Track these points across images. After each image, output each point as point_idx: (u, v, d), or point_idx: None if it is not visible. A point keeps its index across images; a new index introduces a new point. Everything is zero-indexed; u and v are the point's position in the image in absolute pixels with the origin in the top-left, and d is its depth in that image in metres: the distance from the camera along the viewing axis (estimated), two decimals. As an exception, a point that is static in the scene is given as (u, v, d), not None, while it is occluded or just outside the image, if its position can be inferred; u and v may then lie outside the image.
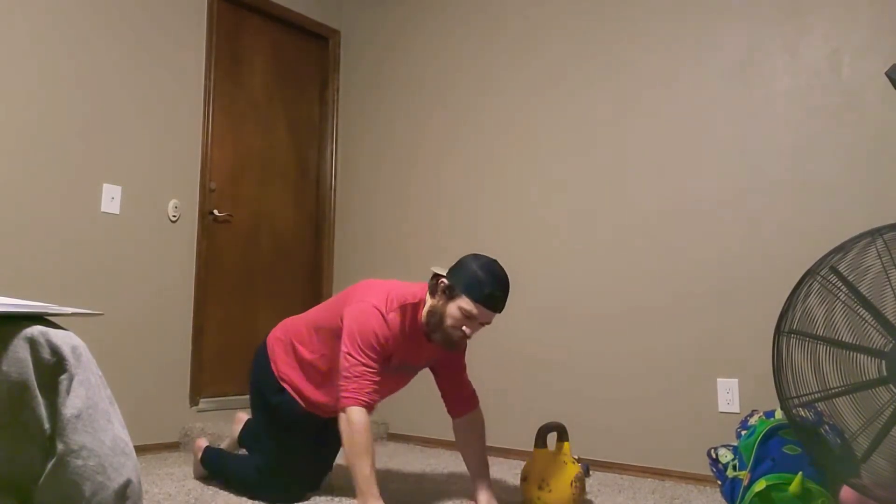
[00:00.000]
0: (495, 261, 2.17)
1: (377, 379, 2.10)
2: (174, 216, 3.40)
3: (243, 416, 2.68)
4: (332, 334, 2.27)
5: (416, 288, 2.25)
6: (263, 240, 3.87)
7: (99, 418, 1.16)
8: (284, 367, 2.40)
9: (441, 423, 3.54)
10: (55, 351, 1.15)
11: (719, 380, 2.79)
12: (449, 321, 2.13)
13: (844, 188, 2.60)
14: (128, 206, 3.23)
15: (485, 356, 3.46)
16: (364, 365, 2.09)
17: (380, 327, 2.12)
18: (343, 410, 2.06)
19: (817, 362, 2.14)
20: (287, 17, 4.01)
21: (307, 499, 2.40)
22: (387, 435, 3.77)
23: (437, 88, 3.82)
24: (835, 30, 2.66)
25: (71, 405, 1.13)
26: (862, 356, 2.10)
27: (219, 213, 3.61)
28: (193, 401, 3.41)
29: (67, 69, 3.06)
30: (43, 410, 1.12)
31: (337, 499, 2.40)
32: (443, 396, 2.40)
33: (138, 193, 3.28)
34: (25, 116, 2.92)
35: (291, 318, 2.51)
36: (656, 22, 3.09)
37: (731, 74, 2.88)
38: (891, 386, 2.03)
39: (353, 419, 2.04)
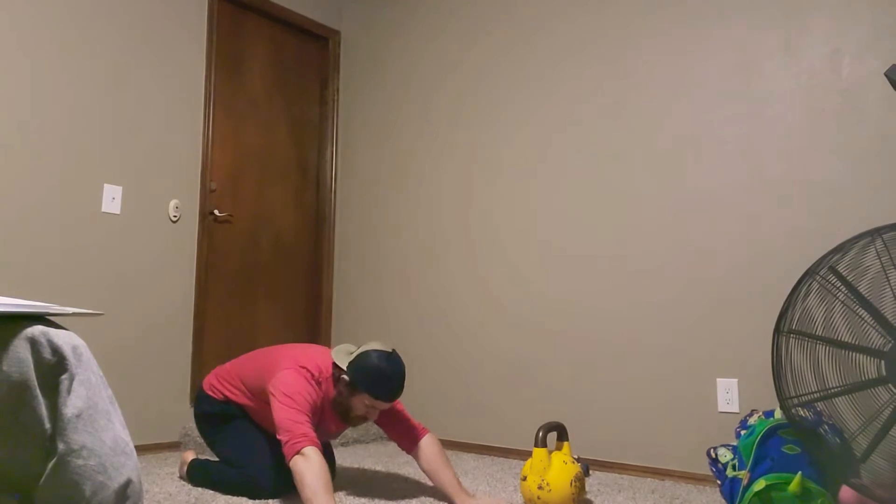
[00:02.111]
0: (391, 353, 2.31)
1: (312, 429, 2.19)
2: (175, 216, 3.40)
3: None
4: (259, 392, 2.45)
5: (322, 361, 2.39)
6: (263, 240, 3.87)
7: (99, 418, 1.16)
8: (225, 396, 2.58)
9: (441, 423, 3.55)
10: (56, 351, 1.15)
11: (719, 380, 2.79)
12: (354, 412, 2.34)
13: (844, 188, 2.60)
14: (129, 206, 3.24)
15: (485, 356, 3.47)
16: (304, 415, 2.19)
17: (308, 388, 2.28)
18: (298, 453, 2.07)
19: (816, 362, 2.15)
20: (287, 17, 4.02)
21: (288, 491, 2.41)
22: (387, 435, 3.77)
23: (437, 88, 3.82)
24: (835, 30, 2.67)
25: (72, 405, 1.14)
26: (861, 356, 2.11)
27: (219, 213, 3.61)
28: (193, 401, 3.41)
29: (67, 70, 3.06)
30: (44, 410, 1.13)
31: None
32: (393, 438, 2.49)
33: (139, 193, 3.28)
34: (26, 117, 2.93)
35: (221, 367, 2.68)
36: (655, 21, 3.09)
37: (731, 74, 2.88)
38: (890, 386, 2.03)
39: (312, 456, 2.06)
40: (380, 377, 2.26)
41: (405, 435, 2.44)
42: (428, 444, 2.41)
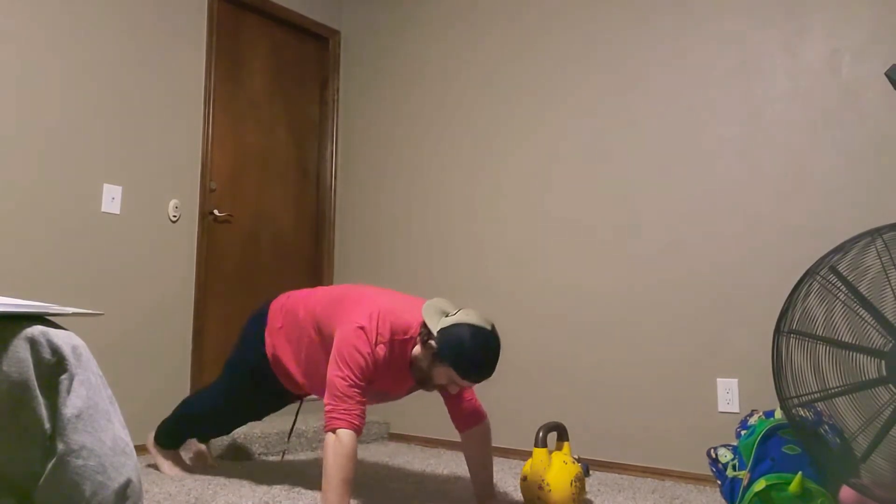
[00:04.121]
0: (489, 332, 2.09)
1: (364, 401, 2.10)
2: (174, 216, 3.40)
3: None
4: (326, 333, 2.32)
5: (409, 316, 2.20)
6: (263, 240, 3.87)
7: (99, 418, 1.16)
8: (278, 339, 2.49)
9: (442, 422, 3.55)
10: (56, 351, 1.15)
11: (719, 379, 2.79)
12: (435, 380, 2.16)
13: (844, 188, 2.60)
14: (128, 206, 3.23)
15: (485, 356, 3.46)
16: (355, 387, 2.08)
17: (367, 354, 2.13)
18: (333, 431, 2.04)
19: (817, 362, 2.15)
20: (287, 17, 4.01)
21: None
22: (387, 435, 3.77)
23: (437, 87, 3.82)
24: (835, 30, 2.67)
25: (71, 405, 1.14)
26: (861, 356, 2.11)
27: (219, 213, 3.61)
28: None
29: (67, 69, 3.06)
30: (43, 410, 1.13)
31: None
32: (448, 410, 2.39)
33: (139, 193, 3.28)
34: (25, 116, 2.93)
35: (297, 293, 2.55)
36: (655, 21, 3.09)
37: (731, 75, 2.88)
38: (890, 386, 2.03)
39: (344, 442, 2.02)
40: (471, 357, 2.05)
41: (463, 414, 2.34)
42: (478, 434, 2.35)
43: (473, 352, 2.05)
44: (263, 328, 2.53)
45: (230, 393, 2.62)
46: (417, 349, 2.16)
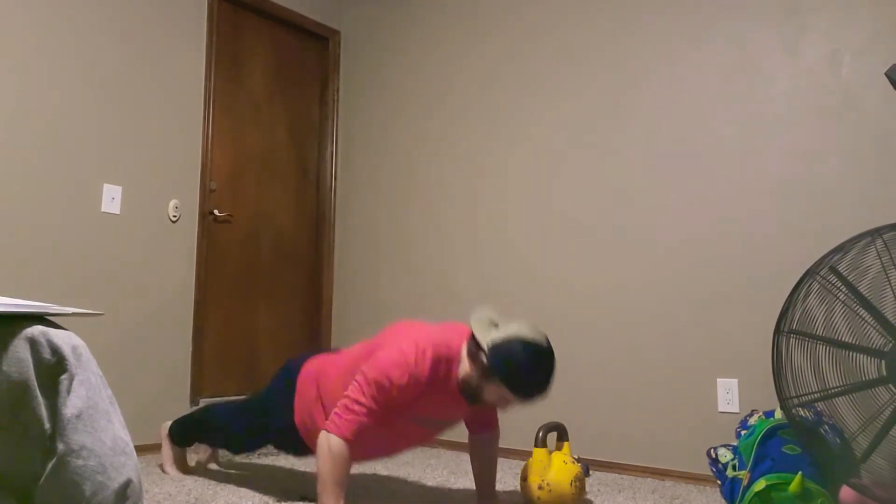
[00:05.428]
0: (545, 349, 1.98)
1: (369, 423, 2.00)
2: (174, 216, 3.40)
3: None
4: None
5: (450, 336, 2.10)
6: (263, 240, 3.87)
7: (99, 418, 1.16)
8: (314, 411, 2.31)
9: (441, 422, 3.55)
10: (56, 351, 1.15)
11: (719, 380, 2.79)
12: (485, 397, 2.05)
13: (844, 188, 2.60)
14: (128, 206, 3.23)
15: (485, 356, 3.46)
16: (365, 405, 1.99)
17: (398, 376, 2.00)
18: (327, 436, 1.99)
19: (817, 362, 2.15)
20: (287, 17, 4.01)
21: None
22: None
23: (437, 88, 3.82)
24: (835, 30, 2.67)
25: (71, 405, 1.14)
26: (861, 356, 2.11)
27: (219, 213, 3.61)
28: (193, 401, 3.41)
29: (67, 69, 3.06)
30: (43, 410, 1.13)
31: None
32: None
33: (139, 193, 3.28)
34: (25, 117, 2.92)
35: (322, 356, 2.42)
36: (655, 21, 3.09)
37: (731, 74, 2.88)
38: (890, 386, 2.03)
39: (336, 450, 1.96)
40: (527, 376, 1.95)
41: (478, 420, 2.30)
42: (488, 439, 2.32)
43: (529, 370, 1.94)
44: (293, 393, 2.37)
45: (253, 435, 2.49)
46: (466, 365, 2.05)
